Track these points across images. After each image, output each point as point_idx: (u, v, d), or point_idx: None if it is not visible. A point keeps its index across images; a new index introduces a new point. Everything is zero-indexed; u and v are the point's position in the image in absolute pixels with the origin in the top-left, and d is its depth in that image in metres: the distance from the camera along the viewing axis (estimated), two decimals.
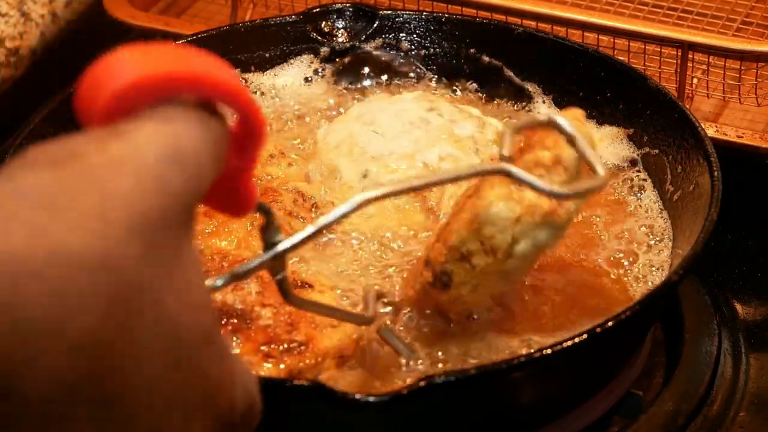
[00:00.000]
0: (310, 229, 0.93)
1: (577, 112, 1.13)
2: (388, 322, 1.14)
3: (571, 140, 1.06)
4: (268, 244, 0.91)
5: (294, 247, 0.92)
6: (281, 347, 1.08)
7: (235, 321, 1.10)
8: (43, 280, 0.63)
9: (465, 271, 1.09)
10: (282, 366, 1.07)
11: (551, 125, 1.07)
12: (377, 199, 0.96)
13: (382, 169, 1.30)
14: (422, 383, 0.98)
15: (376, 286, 1.19)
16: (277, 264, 0.92)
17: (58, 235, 0.64)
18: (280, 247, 0.91)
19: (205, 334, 0.72)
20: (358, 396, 0.99)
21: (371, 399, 0.99)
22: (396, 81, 1.49)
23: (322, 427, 1.07)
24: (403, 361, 1.11)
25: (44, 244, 0.64)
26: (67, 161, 0.68)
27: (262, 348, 1.08)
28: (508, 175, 1.01)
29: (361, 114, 1.37)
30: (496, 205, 1.06)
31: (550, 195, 1.02)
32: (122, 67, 0.73)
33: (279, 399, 1.02)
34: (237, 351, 1.07)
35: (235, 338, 1.09)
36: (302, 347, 1.08)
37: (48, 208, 0.65)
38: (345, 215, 0.95)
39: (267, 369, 1.06)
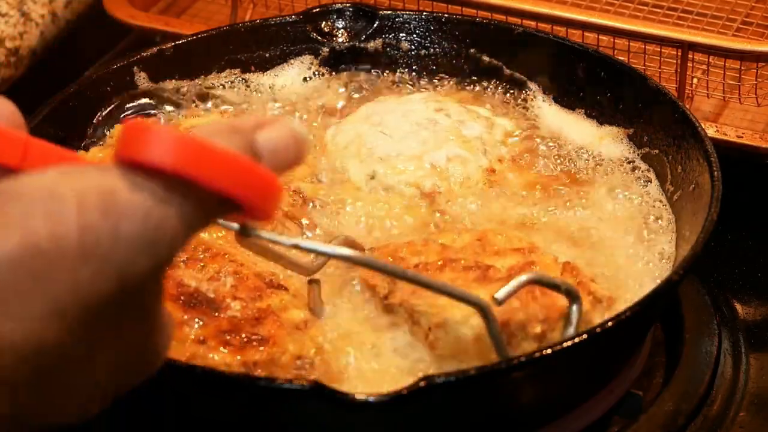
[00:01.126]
0: (285, 240, 0.95)
1: (608, 299, 1.15)
2: (317, 277, 1.15)
3: (566, 324, 1.08)
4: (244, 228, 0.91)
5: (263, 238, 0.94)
6: (242, 338, 1.09)
7: (204, 306, 1.11)
8: None
9: (404, 319, 1.12)
10: (238, 357, 1.07)
11: (566, 297, 1.08)
12: (357, 262, 1.04)
13: (390, 170, 1.31)
14: (422, 383, 0.98)
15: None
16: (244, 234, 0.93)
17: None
18: (254, 232, 0.91)
19: (132, 366, 0.75)
20: (358, 396, 1.00)
21: (371, 399, 0.99)
22: (396, 81, 1.49)
23: (321, 427, 1.07)
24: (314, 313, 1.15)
25: None
26: (43, 241, 0.66)
27: (224, 335, 1.09)
28: (482, 315, 1.03)
29: (369, 115, 1.37)
30: (465, 324, 1.08)
31: (503, 359, 1.05)
32: (165, 146, 0.70)
33: (279, 399, 1.02)
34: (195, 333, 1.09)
35: (198, 320, 1.09)
36: (262, 341, 1.08)
37: (1, 303, 0.66)
38: (320, 253, 1.02)
39: (221, 354, 1.07)
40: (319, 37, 1.49)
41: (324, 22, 1.49)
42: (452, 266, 1.14)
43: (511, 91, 1.45)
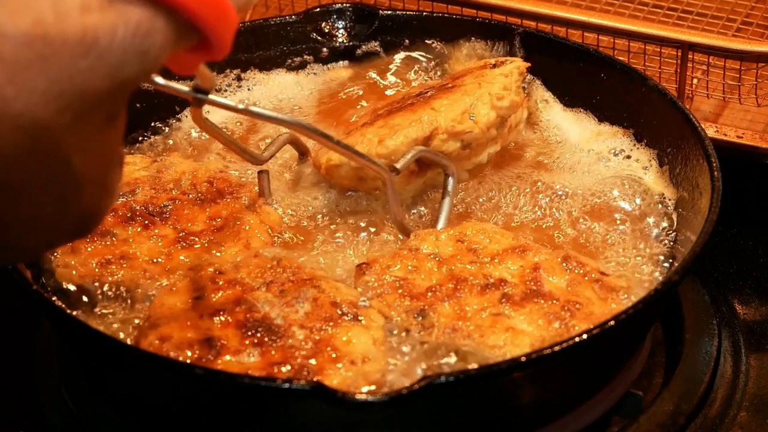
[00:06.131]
0: (237, 105, 1.09)
1: (621, 289, 1.18)
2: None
3: (444, 194, 1.26)
4: (198, 89, 1.07)
5: (214, 104, 1.09)
6: (289, 369, 1.06)
7: (264, 334, 1.09)
8: None
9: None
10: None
11: (444, 172, 1.26)
12: (296, 127, 1.16)
13: None
14: (423, 383, 0.98)
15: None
16: (197, 102, 1.09)
17: (8, 95, 0.75)
18: (209, 97, 1.07)
19: (98, 182, 0.84)
20: (358, 396, 1.00)
21: (371, 399, 0.99)
22: (396, 81, 1.49)
23: (322, 427, 1.07)
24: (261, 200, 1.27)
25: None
26: (50, 29, 0.75)
27: (272, 367, 1.06)
28: (382, 180, 1.21)
29: None
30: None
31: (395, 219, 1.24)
32: None
33: (280, 399, 1.02)
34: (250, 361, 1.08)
35: (250, 353, 1.08)
36: (310, 374, 1.06)
37: (12, 74, 0.75)
38: (268, 118, 1.13)
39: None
40: (319, 37, 1.49)
41: (324, 22, 1.49)
42: (465, 287, 1.15)
43: None
